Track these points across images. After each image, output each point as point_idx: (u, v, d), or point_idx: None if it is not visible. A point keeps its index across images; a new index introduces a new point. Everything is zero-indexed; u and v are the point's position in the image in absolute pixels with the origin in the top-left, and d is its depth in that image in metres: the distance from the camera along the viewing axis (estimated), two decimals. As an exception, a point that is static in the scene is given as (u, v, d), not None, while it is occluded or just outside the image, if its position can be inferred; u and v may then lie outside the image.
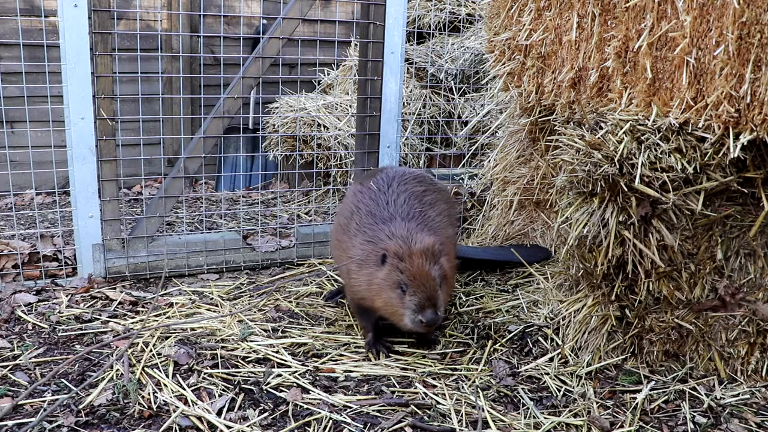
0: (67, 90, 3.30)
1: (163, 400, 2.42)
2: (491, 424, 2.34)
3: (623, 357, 2.81)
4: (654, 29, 2.53)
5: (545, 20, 3.09)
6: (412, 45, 5.88)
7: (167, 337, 2.89)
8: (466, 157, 5.17)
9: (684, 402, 2.55)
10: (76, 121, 3.34)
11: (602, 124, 2.60)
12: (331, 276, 3.75)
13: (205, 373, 2.62)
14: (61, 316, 3.10)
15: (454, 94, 5.57)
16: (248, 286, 3.62)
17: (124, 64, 5.44)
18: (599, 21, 2.77)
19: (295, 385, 2.57)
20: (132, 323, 3.06)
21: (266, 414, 2.37)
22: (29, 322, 3.04)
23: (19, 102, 4.59)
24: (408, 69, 5.60)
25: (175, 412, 2.34)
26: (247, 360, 2.76)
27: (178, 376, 2.60)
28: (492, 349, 2.94)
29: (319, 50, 6.41)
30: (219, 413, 2.35)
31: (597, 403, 2.53)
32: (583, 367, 2.75)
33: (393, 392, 2.56)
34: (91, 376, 2.55)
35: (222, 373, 2.63)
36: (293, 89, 5.99)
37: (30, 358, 2.70)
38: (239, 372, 2.65)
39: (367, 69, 3.99)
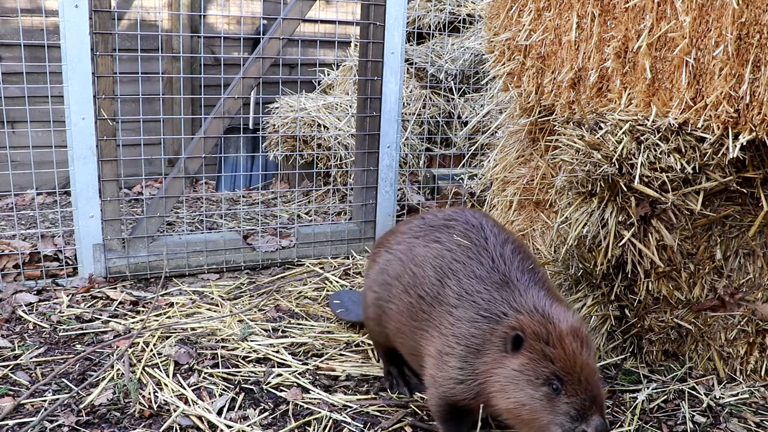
0: (68, 90, 3.31)
1: (164, 400, 2.42)
2: (491, 423, 2.35)
3: (623, 357, 2.82)
4: (653, 29, 2.53)
5: (545, 20, 3.09)
6: (412, 45, 5.88)
7: (167, 337, 2.90)
8: (466, 157, 5.17)
9: (683, 401, 2.55)
10: (76, 121, 3.35)
11: (602, 124, 2.60)
12: (332, 277, 3.75)
13: (205, 373, 2.63)
14: (62, 316, 3.10)
15: (454, 95, 5.57)
16: (248, 286, 3.63)
17: (125, 64, 5.44)
18: (599, 21, 2.78)
19: (295, 384, 2.58)
20: (132, 323, 3.06)
21: (266, 413, 2.37)
22: (30, 321, 3.05)
23: (20, 102, 4.60)
24: (408, 69, 5.61)
25: (175, 411, 2.35)
26: (247, 360, 2.76)
27: (178, 375, 2.60)
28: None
29: (319, 50, 6.42)
30: (219, 413, 2.36)
31: (596, 402, 2.53)
32: (582, 367, 2.76)
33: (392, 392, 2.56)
34: (92, 376, 2.55)
35: (222, 372, 2.64)
36: (293, 89, 5.99)
37: (31, 358, 2.71)
38: (239, 372, 2.66)
39: (367, 69, 4.00)
